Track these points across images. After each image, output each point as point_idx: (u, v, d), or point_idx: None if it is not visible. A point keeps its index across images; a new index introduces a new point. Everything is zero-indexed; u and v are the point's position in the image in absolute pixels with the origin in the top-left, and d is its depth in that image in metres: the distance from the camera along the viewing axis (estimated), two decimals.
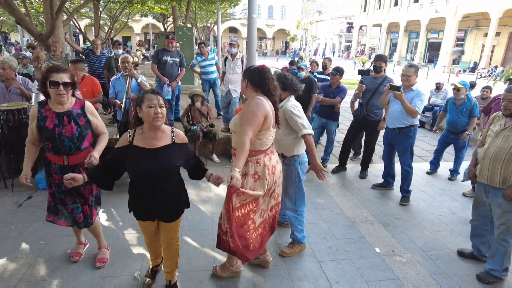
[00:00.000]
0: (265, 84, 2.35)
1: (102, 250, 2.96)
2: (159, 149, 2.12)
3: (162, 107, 2.06)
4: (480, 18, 25.67)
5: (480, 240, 3.05)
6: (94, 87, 4.45)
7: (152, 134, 2.12)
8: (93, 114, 2.59)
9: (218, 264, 2.88)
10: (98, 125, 2.64)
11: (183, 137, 2.27)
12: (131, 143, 2.12)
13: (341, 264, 3.01)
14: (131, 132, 2.16)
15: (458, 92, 4.84)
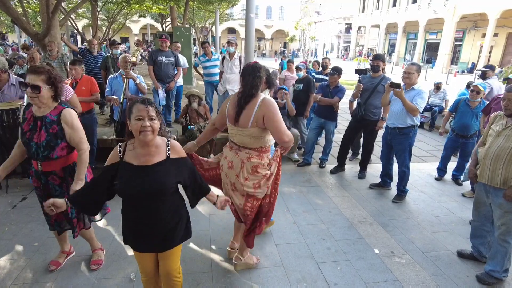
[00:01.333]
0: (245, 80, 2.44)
1: (97, 252, 2.89)
2: (152, 167, 1.84)
3: (152, 119, 1.78)
4: (478, 19, 25.70)
5: (480, 241, 3.02)
6: (92, 86, 4.42)
7: (144, 149, 1.85)
8: (68, 123, 2.32)
9: (215, 266, 2.84)
10: (72, 137, 2.35)
11: (180, 150, 1.99)
12: (121, 159, 1.86)
13: (340, 265, 2.98)
14: (121, 146, 1.89)
15: (477, 95, 4.56)
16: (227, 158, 2.56)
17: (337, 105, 5.08)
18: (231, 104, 2.47)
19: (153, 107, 1.81)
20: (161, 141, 1.93)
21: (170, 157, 1.92)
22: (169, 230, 1.96)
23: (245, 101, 2.37)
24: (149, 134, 1.78)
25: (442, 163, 5.08)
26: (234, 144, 2.54)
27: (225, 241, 3.27)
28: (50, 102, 2.31)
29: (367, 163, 5.10)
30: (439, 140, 7.28)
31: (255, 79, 2.37)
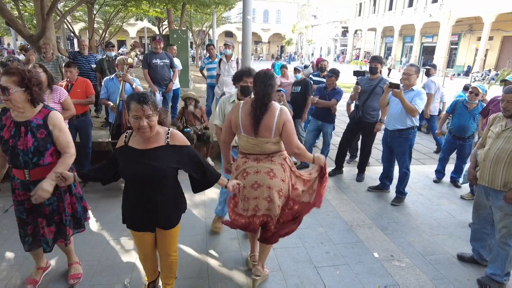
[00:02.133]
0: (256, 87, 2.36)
1: (74, 266, 2.69)
2: (150, 151, 1.97)
3: (149, 117, 1.85)
4: (473, 22, 25.93)
5: (480, 244, 2.98)
6: (88, 88, 4.36)
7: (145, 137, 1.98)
8: (56, 126, 2.22)
9: (211, 271, 2.79)
10: (60, 140, 2.24)
11: (181, 139, 2.06)
12: (126, 144, 2.01)
13: (339, 269, 2.92)
14: (128, 132, 2.05)
15: (476, 97, 4.53)
16: (259, 172, 2.36)
17: (334, 107, 5.05)
18: (245, 115, 2.31)
19: (149, 105, 1.85)
20: (162, 130, 2.03)
21: (170, 144, 2.01)
22: (166, 213, 2.09)
23: (261, 112, 2.27)
24: (147, 132, 1.88)
25: (440, 165, 5.05)
26: (259, 154, 2.39)
27: (222, 245, 3.22)
28: (27, 106, 2.13)
29: (365, 165, 5.06)
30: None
31: (267, 87, 2.27)
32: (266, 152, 2.38)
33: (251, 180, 2.39)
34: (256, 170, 2.38)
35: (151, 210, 2.05)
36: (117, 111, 4.24)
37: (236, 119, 2.37)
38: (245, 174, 2.41)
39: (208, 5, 15.50)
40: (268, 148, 2.36)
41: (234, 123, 2.40)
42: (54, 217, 2.36)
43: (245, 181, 2.40)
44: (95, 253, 2.99)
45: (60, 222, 2.40)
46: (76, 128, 4.32)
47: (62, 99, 3.62)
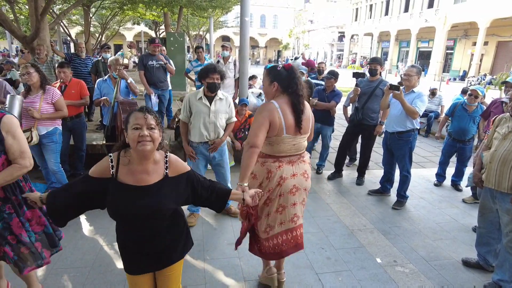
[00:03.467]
0: (294, 85, 2.21)
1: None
2: (149, 188, 1.63)
3: (152, 129, 1.56)
4: (468, 27, 26.13)
5: (486, 249, 2.89)
6: (82, 89, 4.26)
7: (142, 165, 1.63)
8: (10, 132, 1.90)
9: (208, 278, 2.68)
10: (13, 149, 1.91)
11: (181, 167, 1.75)
12: (114, 177, 1.62)
13: (341, 276, 2.82)
14: (113, 158, 1.64)
15: (475, 99, 4.47)
16: (296, 175, 2.27)
17: (334, 109, 4.97)
18: (285, 114, 2.17)
19: (152, 115, 1.59)
20: (160, 156, 1.70)
21: (169, 176, 1.70)
22: (166, 246, 1.76)
23: (303, 105, 2.24)
24: (148, 144, 1.55)
25: (441, 168, 4.98)
26: (293, 156, 2.29)
27: (219, 251, 3.10)
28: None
29: (365, 169, 4.98)
30: (436, 146, 7.22)
31: (299, 80, 2.24)
32: (299, 151, 2.31)
33: (289, 185, 2.25)
34: (293, 173, 2.26)
35: (153, 248, 1.73)
36: (112, 112, 4.13)
37: (279, 120, 2.15)
38: (281, 181, 2.23)
39: (205, 8, 15.46)
40: (303, 145, 2.32)
41: (277, 125, 2.16)
42: (7, 236, 1.98)
43: (282, 188, 2.24)
44: (87, 259, 2.87)
45: (19, 244, 2.01)
46: (70, 130, 4.22)
47: (55, 100, 3.52)
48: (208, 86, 3.11)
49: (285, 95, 2.23)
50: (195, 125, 3.23)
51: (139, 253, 1.73)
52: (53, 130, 3.62)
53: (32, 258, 2.07)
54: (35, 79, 3.37)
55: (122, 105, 3.96)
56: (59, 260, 2.83)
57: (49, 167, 3.70)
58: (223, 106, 3.29)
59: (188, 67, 6.81)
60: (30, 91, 3.48)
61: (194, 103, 3.19)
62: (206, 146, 3.31)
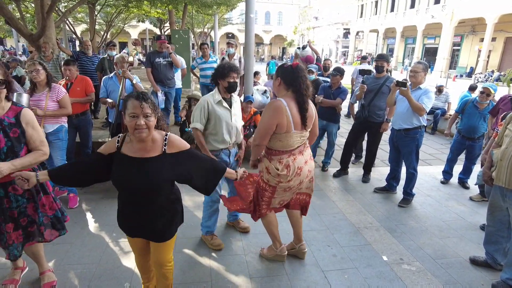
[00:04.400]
0: (297, 83, 2.34)
1: (46, 274, 2.51)
2: (146, 162, 1.77)
3: (148, 117, 1.68)
4: (476, 23, 25.81)
5: (495, 247, 2.85)
6: (87, 86, 4.25)
7: (140, 144, 1.79)
8: (29, 124, 2.09)
9: (214, 275, 2.68)
10: (33, 139, 2.11)
11: (179, 145, 1.87)
12: (118, 150, 1.81)
13: (347, 273, 2.81)
14: (120, 137, 1.84)
15: (487, 97, 4.40)
16: (307, 162, 2.57)
17: (339, 106, 4.94)
18: (293, 112, 2.33)
19: (148, 103, 1.70)
20: (159, 135, 1.84)
21: (167, 152, 1.83)
22: (162, 224, 1.93)
23: (308, 103, 2.39)
24: (144, 132, 1.70)
25: (448, 166, 4.93)
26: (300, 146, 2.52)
27: (225, 248, 3.10)
28: (4, 101, 2.04)
29: (371, 166, 4.94)
30: (442, 143, 7.15)
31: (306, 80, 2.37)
32: (304, 140, 2.54)
33: (305, 172, 2.56)
34: (305, 160, 2.55)
35: (145, 222, 1.89)
36: (117, 110, 4.14)
37: (287, 119, 2.31)
38: (299, 171, 2.50)
39: (209, 5, 15.44)
40: (307, 135, 2.54)
41: (285, 124, 2.32)
42: (20, 219, 2.20)
43: (301, 177, 2.54)
44: (94, 256, 2.89)
45: (28, 223, 2.24)
46: (75, 127, 4.23)
47: (60, 97, 3.53)
48: (228, 86, 2.77)
49: (290, 92, 2.38)
50: (218, 132, 2.84)
51: (133, 221, 1.92)
52: (59, 127, 3.63)
53: (36, 234, 2.31)
54: (42, 77, 3.39)
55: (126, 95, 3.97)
56: (66, 257, 2.85)
57: (55, 164, 3.71)
58: (239, 108, 3.05)
59: (193, 64, 6.81)
60: (36, 89, 3.49)
61: (214, 108, 2.80)
62: (226, 152, 2.98)
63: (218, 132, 2.85)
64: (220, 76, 2.77)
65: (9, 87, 2.04)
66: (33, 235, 2.29)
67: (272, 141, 2.43)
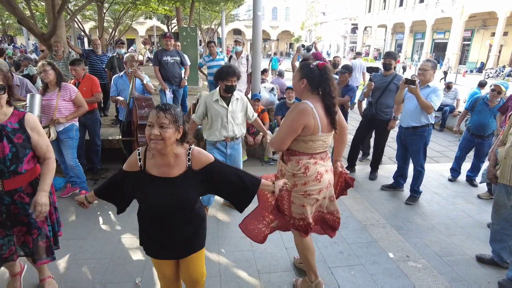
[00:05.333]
0: (325, 85, 2.15)
1: (47, 281, 2.46)
2: (173, 180, 1.73)
3: (164, 127, 1.60)
4: (487, 17, 25.35)
5: (501, 246, 2.87)
6: (93, 86, 4.30)
7: (162, 159, 1.73)
8: (35, 129, 2.03)
9: (223, 270, 2.76)
10: (40, 145, 2.05)
11: (204, 159, 1.80)
12: (142, 169, 1.76)
13: (353, 270, 2.85)
14: (141, 153, 1.77)
15: (498, 95, 4.34)
16: (328, 171, 2.32)
17: (347, 104, 4.95)
18: (321, 114, 2.14)
19: (166, 114, 1.61)
20: (183, 150, 1.77)
21: (193, 169, 1.77)
22: (189, 236, 1.86)
23: (336, 106, 2.21)
24: (159, 143, 1.62)
25: (456, 163, 4.91)
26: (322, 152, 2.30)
27: (233, 244, 3.17)
28: (5, 107, 1.97)
29: (379, 164, 4.96)
30: (450, 141, 7.11)
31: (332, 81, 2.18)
32: (327, 148, 2.32)
33: (326, 182, 2.28)
34: (326, 169, 2.30)
35: (172, 238, 1.82)
36: (128, 108, 4.22)
37: (315, 121, 2.12)
38: (319, 176, 2.24)
39: (216, 2, 15.49)
40: (329, 143, 2.33)
41: (312, 127, 2.13)
42: (32, 230, 2.14)
43: (321, 184, 2.25)
44: (106, 251, 2.98)
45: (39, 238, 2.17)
46: (83, 125, 4.30)
47: (73, 97, 3.61)
48: (226, 88, 3.15)
49: (315, 94, 2.19)
50: (213, 127, 3.29)
51: (161, 242, 1.83)
52: (70, 126, 3.70)
53: (47, 252, 2.23)
54: (51, 77, 3.47)
55: (138, 101, 4.05)
56: (79, 252, 2.95)
57: (67, 162, 3.81)
58: (239, 106, 3.36)
59: (201, 62, 6.86)
60: (47, 88, 3.58)
61: (211, 106, 3.23)
62: (223, 144, 3.40)
63: (213, 127, 3.29)
64: (220, 78, 3.13)
65: (10, 92, 1.98)
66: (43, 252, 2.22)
67: (294, 143, 2.22)
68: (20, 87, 3.82)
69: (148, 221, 1.83)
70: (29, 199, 2.05)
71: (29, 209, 2.03)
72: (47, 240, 2.19)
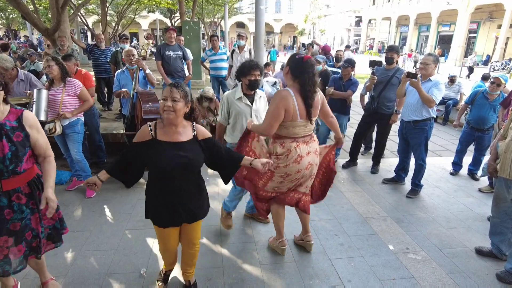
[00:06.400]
0: (303, 78, 2.38)
1: (50, 282, 2.44)
2: (183, 144, 2.02)
3: (175, 101, 1.90)
4: (493, 9, 24.97)
5: (500, 238, 2.90)
6: (86, 81, 4.25)
7: (172, 128, 2.01)
8: (34, 127, 1.98)
9: (226, 261, 2.85)
10: (39, 142, 2.01)
11: (205, 132, 2.15)
12: (154, 138, 2.00)
13: (353, 261, 2.91)
14: (151, 125, 2.03)
15: (497, 87, 4.34)
16: (310, 154, 2.59)
17: (350, 98, 4.96)
18: (299, 102, 2.41)
19: (178, 90, 1.92)
20: (187, 123, 2.09)
21: (198, 138, 2.09)
22: (196, 202, 2.16)
23: (313, 99, 2.44)
24: (171, 113, 1.91)
25: (458, 157, 4.93)
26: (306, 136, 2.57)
27: (236, 236, 3.24)
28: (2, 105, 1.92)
29: (380, 157, 4.98)
30: (453, 134, 7.10)
31: (314, 77, 2.41)
32: (310, 131, 2.60)
33: (305, 163, 2.56)
34: (307, 151, 2.57)
35: (180, 204, 2.08)
36: (131, 103, 4.27)
37: (294, 107, 2.40)
38: (299, 159, 2.52)
39: None
40: (313, 127, 2.60)
41: (291, 112, 2.40)
42: (25, 233, 2.03)
43: (299, 166, 2.54)
44: (112, 243, 3.06)
45: (33, 238, 2.08)
46: None
47: (78, 92, 3.66)
48: (249, 83, 2.87)
49: (297, 83, 2.44)
50: (236, 127, 3.02)
51: (169, 210, 2.07)
52: (75, 121, 3.75)
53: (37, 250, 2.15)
54: (55, 72, 3.50)
55: (141, 95, 4.09)
56: (85, 243, 3.02)
57: (72, 156, 3.87)
58: (263, 105, 3.12)
59: (203, 56, 6.87)
60: (53, 83, 3.63)
61: (234, 104, 2.96)
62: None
63: (236, 127, 3.03)
64: (243, 74, 2.88)
65: (7, 90, 1.93)
66: (34, 250, 2.13)
67: (279, 128, 2.49)
68: (24, 81, 3.85)
69: (158, 187, 2.06)
70: (26, 199, 2.01)
71: (26, 211, 2.00)
72: (38, 241, 2.11)
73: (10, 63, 3.60)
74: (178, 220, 2.14)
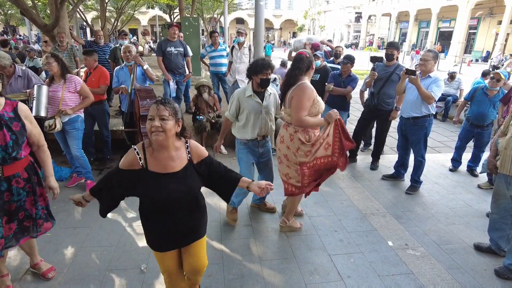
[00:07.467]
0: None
1: (41, 263, 2.59)
2: (178, 174, 1.78)
3: (164, 119, 1.65)
4: (494, 5, 24.89)
5: (498, 234, 2.92)
6: (101, 78, 4.34)
7: (163, 153, 1.75)
8: (28, 118, 2.14)
9: (226, 257, 2.85)
10: (33, 132, 2.16)
11: (201, 152, 1.89)
12: (144, 168, 1.74)
13: (353, 257, 2.92)
14: (139, 150, 1.76)
15: (497, 83, 4.33)
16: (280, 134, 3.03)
17: (349, 94, 4.95)
18: None
19: (166, 106, 1.67)
20: (180, 143, 1.83)
21: (193, 162, 1.86)
22: (193, 225, 1.95)
23: (285, 89, 2.88)
24: (160, 134, 1.65)
25: (457, 153, 4.94)
26: None
27: (236, 232, 3.25)
28: None
29: (380, 154, 4.99)
30: (453, 131, 7.11)
31: (294, 70, 2.82)
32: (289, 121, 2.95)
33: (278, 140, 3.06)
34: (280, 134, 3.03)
35: (178, 232, 1.89)
36: (130, 99, 4.27)
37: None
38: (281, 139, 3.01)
39: None
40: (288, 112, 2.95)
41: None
42: (19, 213, 2.19)
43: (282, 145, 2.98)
44: (112, 239, 3.07)
45: (25, 218, 2.24)
46: (91, 116, 4.36)
47: (78, 88, 3.65)
48: (261, 82, 2.92)
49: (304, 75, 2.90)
50: (247, 124, 3.07)
51: (166, 234, 1.88)
52: (75, 117, 3.74)
53: (31, 230, 2.30)
54: (55, 69, 3.50)
55: (139, 92, 4.09)
56: (86, 240, 3.03)
57: (72, 152, 3.86)
58: (273, 101, 3.15)
59: (203, 53, 6.84)
60: (53, 80, 3.62)
61: (244, 101, 3.01)
62: (255, 143, 3.17)
63: (247, 124, 3.08)
64: (254, 72, 2.92)
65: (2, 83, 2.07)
66: (28, 230, 2.27)
67: None
68: (22, 77, 3.82)
69: (152, 216, 1.85)
70: (24, 183, 2.17)
71: (22, 193, 2.16)
72: (31, 220, 2.28)
73: (8, 61, 3.59)
74: (174, 245, 1.94)
